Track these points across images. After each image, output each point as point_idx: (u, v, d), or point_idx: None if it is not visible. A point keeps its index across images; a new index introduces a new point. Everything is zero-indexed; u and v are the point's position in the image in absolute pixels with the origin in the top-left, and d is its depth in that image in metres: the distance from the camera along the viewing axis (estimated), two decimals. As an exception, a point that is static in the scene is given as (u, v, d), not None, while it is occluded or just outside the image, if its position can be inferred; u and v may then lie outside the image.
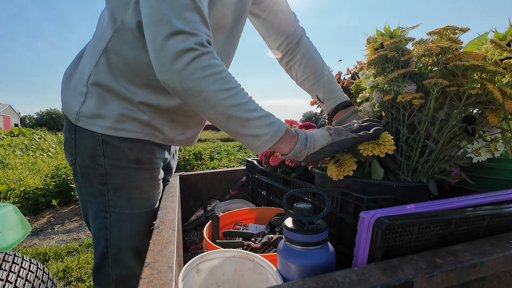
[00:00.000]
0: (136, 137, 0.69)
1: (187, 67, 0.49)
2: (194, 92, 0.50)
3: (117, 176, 0.69)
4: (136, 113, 0.68)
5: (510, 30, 0.73)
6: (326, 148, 0.57)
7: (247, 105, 0.53)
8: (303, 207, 0.47)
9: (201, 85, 0.50)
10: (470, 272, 0.40)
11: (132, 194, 0.71)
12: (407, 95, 0.58)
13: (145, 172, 0.73)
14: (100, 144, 0.67)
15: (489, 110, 0.55)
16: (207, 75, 0.50)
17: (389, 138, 0.57)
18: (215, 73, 0.51)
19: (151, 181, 0.74)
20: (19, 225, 1.09)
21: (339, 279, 0.36)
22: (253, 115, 0.53)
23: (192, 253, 1.03)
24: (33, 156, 6.65)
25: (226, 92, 0.51)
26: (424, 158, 0.60)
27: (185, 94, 0.51)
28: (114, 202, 0.70)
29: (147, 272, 0.38)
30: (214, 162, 5.26)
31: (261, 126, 0.54)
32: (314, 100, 1.00)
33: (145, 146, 0.71)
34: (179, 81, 0.50)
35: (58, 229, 2.90)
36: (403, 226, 0.44)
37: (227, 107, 0.52)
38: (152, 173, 0.75)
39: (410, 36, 0.69)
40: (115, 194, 0.70)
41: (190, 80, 0.49)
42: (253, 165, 1.18)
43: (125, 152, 0.69)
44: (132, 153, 0.70)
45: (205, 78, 0.50)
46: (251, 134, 0.54)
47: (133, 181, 0.71)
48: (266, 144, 0.55)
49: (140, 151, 0.71)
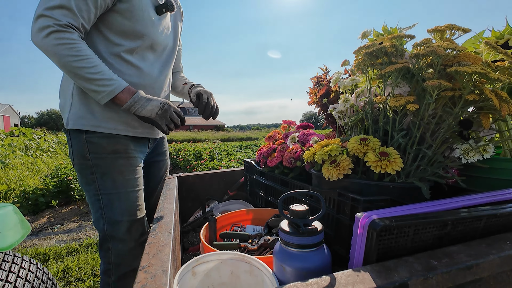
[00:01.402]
0: (110, 132, 0.88)
1: (46, 36, 0.73)
2: (50, 53, 0.75)
3: (101, 166, 0.88)
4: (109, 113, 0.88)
5: (507, 28, 0.73)
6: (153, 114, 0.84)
7: (91, 69, 0.77)
8: (299, 209, 0.47)
9: (54, 50, 0.74)
10: (465, 274, 0.40)
11: (115, 177, 0.89)
12: (400, 98, 0.57)
13: (122, 159, 0.90)
14: (85, 144, 0.87)
15: (483, 114, 0.55)
16: (60, 44, 0.74)
17: (398, 156, 0.57)
18: (67, 43, 0.74)
19: (129, 167, 0.92)
20: (19, 225, 1.09)
21: (332, 282, 0.36)
22: (94, 77, 0.77)
23: (191, 254, 1.03)
24: (33, 156, 6.66)
25: (73, 57, 0.75)
26: (417, 162, 0.60)
27: (46, 54, 0.76)
28: (103, 186, 0.89)
29: (141, 276, 0.37)
30: (214, 162, 5.26)
31: (100, 86, 0.78)
32: (311, 100, 1.00)
33: (119, 140, 0.90)
34: (40, 45, 0.75)
35: (58, 229, 2.91)
36: (399, 228, 0.44)
37: (73, 67, 0.76)
38: (129, 160, 0.92)
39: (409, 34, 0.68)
40: (102, 179, 0.88)
41: (47, 45, 0.74)
42: (251, 166, 1.18)
43: (103, 146, 0.88)
44: (109, 146, 0.88)
45: (58, 45, 0.74)
46: (93, 89, 0.79)
47: (115, 167, 0.89)
48: (103, 98, 0.80)
49: (116, 144, 0.89)
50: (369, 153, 0.58)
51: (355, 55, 0.71)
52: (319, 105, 0.98)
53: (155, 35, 0.91)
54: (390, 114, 0.64)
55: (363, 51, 0.66)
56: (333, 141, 0.67)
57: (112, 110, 0.88)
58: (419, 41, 0.64)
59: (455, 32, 0.61)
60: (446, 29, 0.61)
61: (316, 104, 0.99)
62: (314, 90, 0.99)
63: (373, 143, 0.60)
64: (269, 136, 1.12)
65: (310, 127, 1.07)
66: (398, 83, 0.62)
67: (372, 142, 0.61)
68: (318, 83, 0.99)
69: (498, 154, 0.68)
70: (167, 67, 1.02)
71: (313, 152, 0.68)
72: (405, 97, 0.57)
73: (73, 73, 0.77)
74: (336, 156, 0.64)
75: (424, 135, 0.60)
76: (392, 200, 0.56)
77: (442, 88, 0.54)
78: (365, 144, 0.61)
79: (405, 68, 0.61)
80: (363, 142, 0.61)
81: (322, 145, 0.68)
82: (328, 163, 0.63)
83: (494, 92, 0.53)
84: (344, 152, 0.66)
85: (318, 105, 0.99)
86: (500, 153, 0.68)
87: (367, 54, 0.65)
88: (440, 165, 0.60)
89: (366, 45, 0.67)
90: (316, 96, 0.98)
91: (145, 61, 0.92)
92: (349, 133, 0.78)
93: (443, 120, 0.58)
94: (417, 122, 0.59)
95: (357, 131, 0.76)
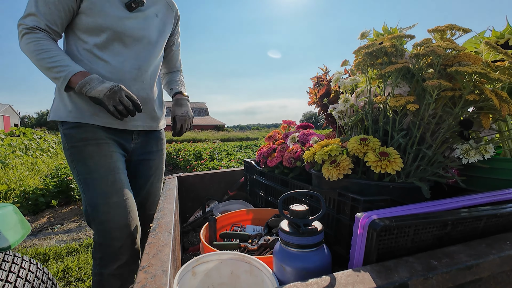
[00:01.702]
0: (79, 121, 0.95)
1: (21, 39, 0.89)
2: (25, 53, 0.90)
3: (75, 153, 0.96)
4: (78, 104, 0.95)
5: (507, 28, 0.73)
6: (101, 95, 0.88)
7: (51, 59, 0.87)
8: (299, 209, 0.47)
9: (25, 48, 0.89)
10: (465, 274, 0.40)
11: (87, 162, 0.96)
12: (400, 98, 0.57)
13: (91, 146, 0.96)
14: (63, 135, 0.98)
15: (483, 114, 0.55)
16: (29, 43, 0.88)
17: (398, 156, 0.57)
18: (33, 41, 0.87)
19: (100, 152, 0.97)
20: (19, 225, 1.09)
21: (332, 282, 0.36)
22: (53, 65, 0.87)
23: (191, 254, 1.03)
24: (33, 156, 6.66)
25: (37, 51, 0.87)
26: (417, 162, 0.60)
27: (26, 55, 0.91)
28: (79, 171, 0.97)
29: (141, 277, 0.37)
30: (214, 162, 5.25)
31: (58, 72, 0.87)
32: (311, 100, 1.00)
33: (87, 129, 0.97)
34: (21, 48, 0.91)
35: (58, 229, 2.91)
36: (399, 228, 0.43)
37: (37, 59, 0.88)
38: (99, 146, 0.97)
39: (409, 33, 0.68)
40: (78, 165, 0.97)
41: (22, 47, 0.90)
42: (251, 166, 1.18)
43: (73, 135, 0.96)
44: (78, 134, 0.96)
45: (28, 44, 0.88)
46: (53, 77, 0.89)
47: (85, 153, 0.96)
48: (62, 84, 0.88)
49: (84, 132, 0.96)
50: (369, 153, 0.58)
51: (355, 55, 0.71)
52: (319, 105, 0.98)
53: (122, 28, 0.96)
54: (390, 114, 0.64)
55: (363, 51, 0.66)
56: (333, 141, 0.67)
57: (81, 100, 0.95)
58: (419, 41, 0.63)
59: (455, 32, 0.61)
60: (447, 29, 0.61)
61: (316, 104, 0.99)
62: (314, 90, 0.99)
63: (373, 143, 0.60)
64: (269, 136, 1.12)
65: (310, 127, 1.07)
66: (398, 83, 0.62)
67: (372, 142, 0.61)
68: (318, 83, 0.99)
69: (498, 154, 0.68)
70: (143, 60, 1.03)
71: (313, 152, 0.68)
72: (405, 97, 0.57)
73: (39, 65, 0.89)
74: (336, 156, 0.64)
75: (424, 135, 0.60)
76: (392, 200, 0.56)
77: (442, 88, 0.54)
78: (365, 144, 0.61)
79: (405, 68, 0.61)
80: (363, 142, 0.61)
81: (322, 145, 0.68)
82: (328, 163, 0.63)
83: (494, 92, 0.53)
84: (344, 152, 0.66)
85: (318, 105, 0.99)
86: (500, 153, 0.68)
87: (367, 54, 0.65)
88: (440, 165, 0.60)
89: (366, 45, 0.67)
90: (316, 96, 0.98)
91: (114, 55, 0.97)
92: (349, 133, 0.78)
93: (443, 120, 0.58)
94: (417, 122, 0.59)
95: (357, 131, 0.76)
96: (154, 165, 1.17)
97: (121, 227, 0.95)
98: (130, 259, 0.98)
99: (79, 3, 0.92)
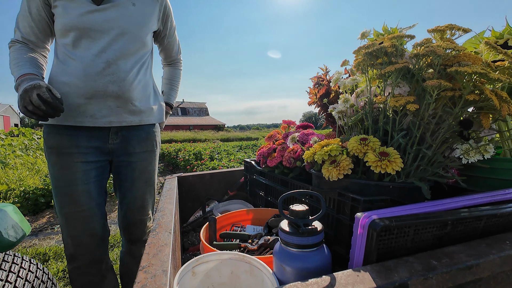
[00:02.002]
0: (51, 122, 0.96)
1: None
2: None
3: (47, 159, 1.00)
4: None
5: (507, 28, 0.73)
6: (18, 94, 0.88)
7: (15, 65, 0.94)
8: (299, 209, 0.47)
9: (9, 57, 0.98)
10: (465, 274, 0.40)
11: (51, 171, 0.99)
12: (400, 98, 0.57)
13: (54, 156, 0.98)
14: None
15: (483, 114, 0.55)
16: (9, 54, 0.98)
17: (398, 156, 0.57)
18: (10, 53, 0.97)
19: (58, 163, 0.98)
20: (19, 225, 1.09)
21: (332, 282, 0.36)
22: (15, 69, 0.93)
23: (191, 254, 1.03)
24: (33, 156, 6.66)
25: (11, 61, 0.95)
26: (417, 162, 0.60)
27: None
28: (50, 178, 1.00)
29: (141, 276, 0.37)
30: (214, 162, 5.26)
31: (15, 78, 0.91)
32: (311, 100, 1.00)
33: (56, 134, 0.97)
34: None
35: (58, 229, 2.91)
36: (399, 228, 0.44)
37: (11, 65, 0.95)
38: (59, 157, 0.98)
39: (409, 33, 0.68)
40: (49, 172, 1.00)
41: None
42: (251, 166, 1.18)
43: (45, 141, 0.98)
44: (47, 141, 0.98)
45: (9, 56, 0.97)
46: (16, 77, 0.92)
47: (50, 163, 0.99)
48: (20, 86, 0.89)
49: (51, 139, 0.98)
50: (369, 153, 0.58)
51: (355, 55, 0.71)
52: (319, 105, 0.98)
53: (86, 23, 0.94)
54: (390, 114, 0.64)
55: (363, 51, 0.66)
56: (333, 141, 0.67)
57: None
58: (419, 41, 0.63)
59: (455, 32, 0.61)
60: (446, 29, 0.61)
61: (316, 104, 0.99)
62: (314, 90, 0.99)
63: (373, 143, 0.60)
64: (269, 136, 1.12)
65: (310, 127, 1.07)
66: (398, 83, 0.62)
67: (372, 142, 0.61)
68: (318, 83, 0.99)
69: (498, 154, 0.68)
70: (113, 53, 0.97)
71: (313, 152, 0.68)
72: (405, 97, 0.57)
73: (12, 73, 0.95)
74: (336, 156, 0.64)
75: (424, 135, 0.60)
76: (392, 200, 0.56)
77: (442, 88, 0.54)
78: (365, 144, 0.61)
79: (405, 68, 0.61)
80: (363, 142, 0.61)
81: (322, 145, 0.68)
82: (328, 163, 0.63)
83: (494, 92, 0.53)
84: (344, 152, 0.66)
85: (318, 105, 0.99)
86: (500, 153, 0.68)
87: (367, 54, 0.65)
88: (440, 165, 0.60)
89: (366, 45, 0.67)
90: (316, 96, 0.98)
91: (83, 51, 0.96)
92: (349, 133, 0.78)
93: (443, 120, 0.58)
94: (417, 122, 0.59)
95: (357, 131, 0.76)
96: (138, 168, 1.08)
97: (72, 237, 1.00)
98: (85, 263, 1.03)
99: (49, 10, 0.96)
